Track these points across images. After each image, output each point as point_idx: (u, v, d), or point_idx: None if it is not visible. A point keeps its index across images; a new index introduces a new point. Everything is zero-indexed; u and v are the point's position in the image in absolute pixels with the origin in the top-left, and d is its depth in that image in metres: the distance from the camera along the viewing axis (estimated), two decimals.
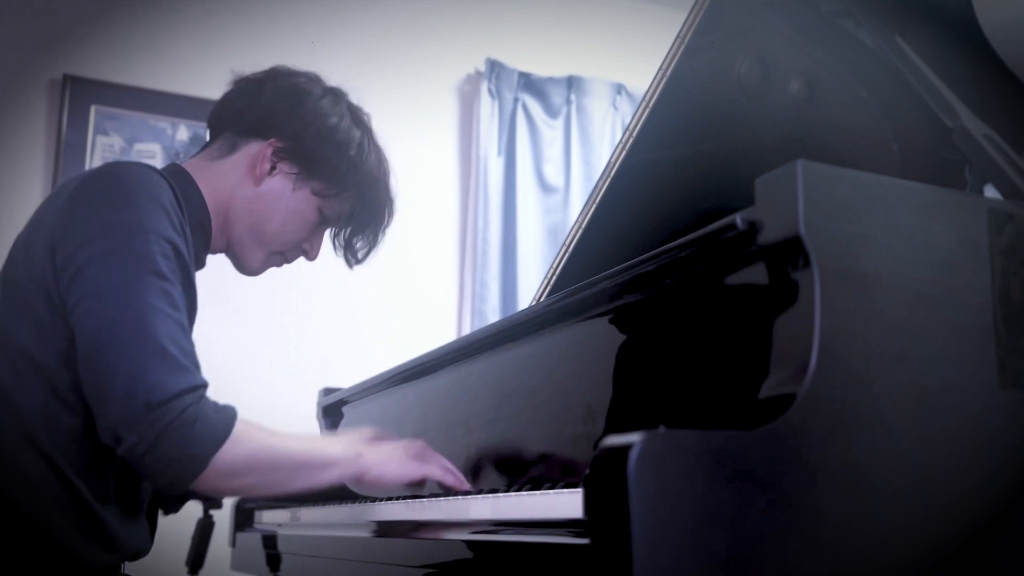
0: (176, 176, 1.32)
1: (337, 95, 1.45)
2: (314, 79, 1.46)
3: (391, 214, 1.50)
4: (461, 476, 1.30)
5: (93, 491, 1.22)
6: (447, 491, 1.28)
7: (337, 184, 1.41)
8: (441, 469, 1.29)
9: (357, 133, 1.43)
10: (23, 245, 1.25)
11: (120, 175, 1.22)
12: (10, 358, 1.20)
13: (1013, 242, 0.91)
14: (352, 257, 1.51)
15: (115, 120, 2.93)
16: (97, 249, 1.15)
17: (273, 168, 1.38)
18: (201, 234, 1.36)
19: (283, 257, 1.46)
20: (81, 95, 2.89)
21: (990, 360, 0.88)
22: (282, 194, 1.39)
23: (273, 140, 1.38)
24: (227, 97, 1.45)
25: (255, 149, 1.38)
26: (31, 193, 2.85)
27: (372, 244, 1.51)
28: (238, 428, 1.14)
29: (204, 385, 1.14)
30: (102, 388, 1.11)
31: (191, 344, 1.17)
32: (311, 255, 1.48)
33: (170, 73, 3.01)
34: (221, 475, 1.13)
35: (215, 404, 1.14)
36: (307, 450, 1.24)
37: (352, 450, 1.26)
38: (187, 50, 3.05)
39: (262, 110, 1.40)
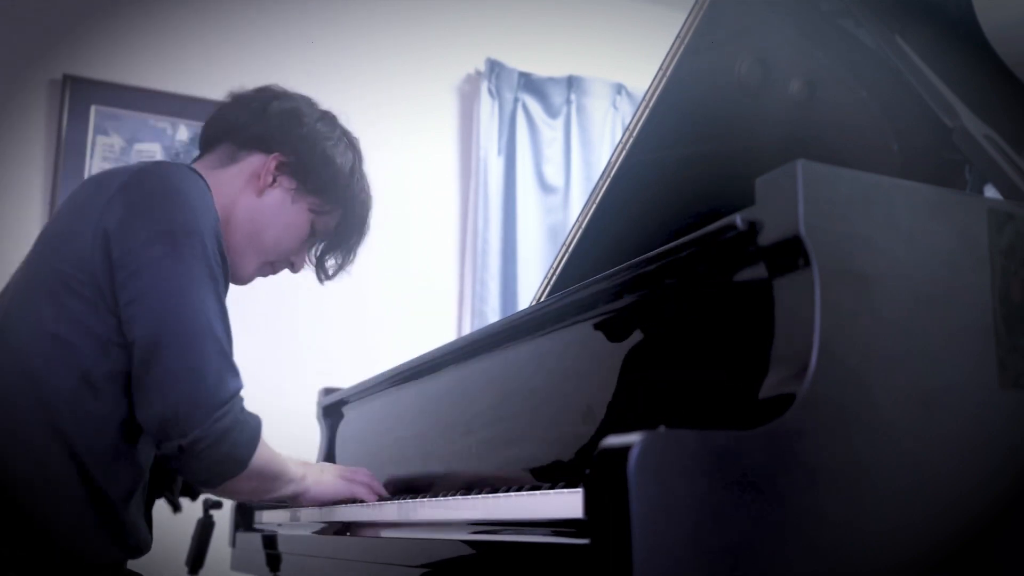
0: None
1: (330, 119, 1.53)
2: (310, 102, 1.53)
3: (363, 236, 1.59)
4: (382, 491, 1.46)
5: (111, 485, 1.24)
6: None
7: (330, 201, 1.49)
8: (365, 488, 1.44)
9: (351, 156, 1.51)
10: (62, 235, 1.28)
11: (172, 176, 1.28)
12: (43, 345, 1.22)
13: (1013, 242, 0.91)
14: (323, 273, 1.59)
15: (115, 120, 2.93)
16: (159, 251, 1.20)
17: (274, 181, 1.45)
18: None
19: (272, 268, 1.53)
20: (81, 95, 2.89)
21: (990, 360, 0.88)
22: (281, 206, 1.45)
23: (277, 155, 1.44)
24: (226, 110, 1.50)
25: (258, 162, 1.44)
26: (31, 192, 2.85)
27: (343, 264, 1.59)
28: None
29: (241, 388, 1.23)
30: (165, 382, 1.17)
31: (231, 335, 1.25)
32: (296, 267, 1.56)
33: (170, 73, 3.01)
34: (245, 478, 1.24)
35: (244, 408, 1.24)
36: (284, 469, 1.36)
37: (300, 471, 1.40)
38: (187, 50, 3.05)
39: (264, 127, 1.46)
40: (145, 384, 1.19)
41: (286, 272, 1.58)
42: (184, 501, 1.64)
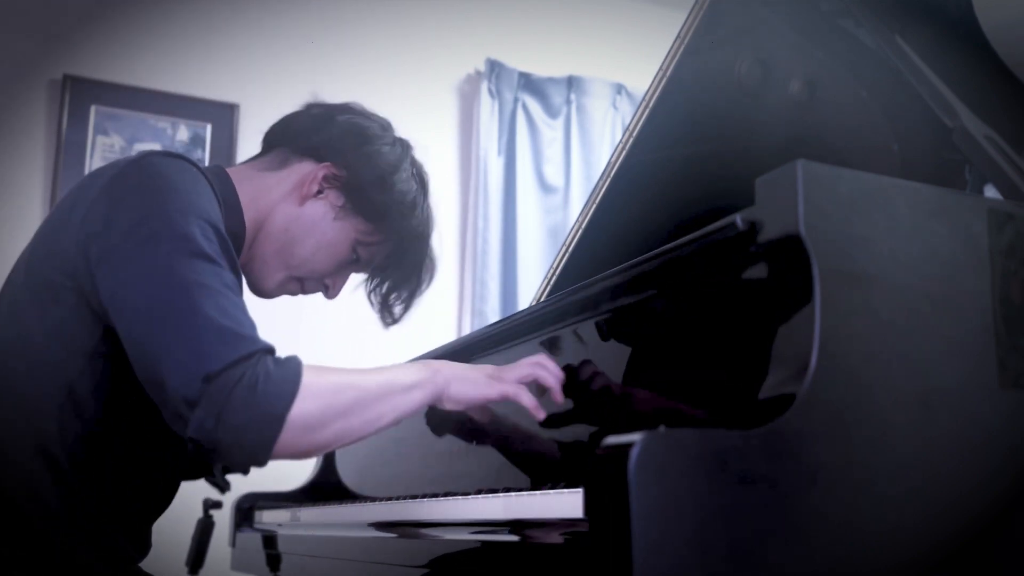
0: (217, 178, 1.27)
1: (404, 146, 1.41)
2: (386, 126, 1.42)
3: (431, 279, 1.46)
4: (545, 388, 1.17)
5: (99, 502, 1.19)
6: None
7: (380, 230, 1.37)
8: (515, 388, 1.16)
9: (414, 186, 1.40)
10: (50, 237, 1.20)
11: (156, 165, 1.17)
12: (28, 358, 1.16)
13: (1013, 242, 0.91)
14: (388, 315, 1.46)
15: (115, 120, 2.93)
16: (137, 237, 1.09)
17: (320, 192, 1.34)
18: (234, 242, 1.29)
19: (300, 286, 1.40)
20: (81, 95, 2.89)
21: (990, 360, 0.88)
22: (322, 220, 1.34)
23: (328, 165, 1.34)
24: (293, 117, 1.40)
25: (307, 169, 1.34)
26: (31, 192, 2.85)
27: (408, 304, 1.46)
28: (307, 376, 1.05)
29: (265, 348, 1.06)
30: (159, 373, 1.04)
31: (245, 313, 1.10)
32: (331, 293, 1.42)
33: (170, 73, 3.01)
34: (304, 430, 1.03)
35: (276, 359, 1.06)
36: (384, 380, 1.13)
37: (427, 370, 1.16)
38: (187, 50, 3.05)
39: (325, 136, 1.36)
40: (146, 383, 1.07)
41: None
42: (185, 500, 1.64)
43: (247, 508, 1.84)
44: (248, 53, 3.09)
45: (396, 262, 1.41)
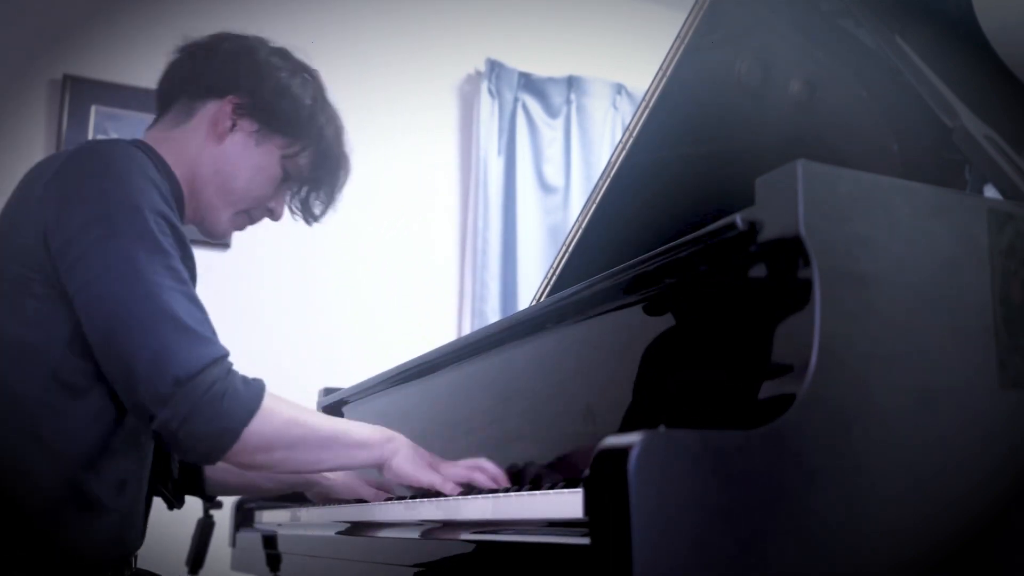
0: (151, 151, 1.30)
1: (284, 53, 1.46)
2: (261, 40, 1.46)
3: (347, 171, 1.49)
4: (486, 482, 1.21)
5: (98, 483, 1.20)
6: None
7: (298, 138, 1.40)
8: (445, 483, 1.22)
9: (310, 87, 1.44)
10: (6, 232, 1.22)
11: (104, 153, 1.21)
12: (7, 349, 1.18)
13: (1013, 242, 0.91)
14: (310, 216, 1.49)
15: (115, 120, 2.93)
16: (97, 233, 1.14)
17: (234, 126, 1.37)
18: (177, 205, 1.33)
19: (248, 217, 1.45)
20: (81, 95, 2.89)
21: (990, 360, 0.88)
22: (245, 150, 1.38)
23: (231, 97, 1.37)
24: (176, 64, 1.43)
25: (213, 109, 1.37)
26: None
27: (329, 202, 1.49)
28: (267, 402, 1.15)
29: (227, 354, 1.15)
30: (128, 369, 1.11)
31: (205, 313, 1.17)
32: (276, 215, 1.47)
33: None
34: (253, 449, 1.14)
35: (243, 377, 1.16)
36: (337, 428, 1.25)
37: (381, 435, 1.26)
38: None
39: (215, 71, 1.39)
40: (110, 376, 1.15)
41: (284, 273, 1.53)
42: (186, 500, 1.64)
43: (247, 508, 1.84)
44: None
45: (319, 164, 1.44)
